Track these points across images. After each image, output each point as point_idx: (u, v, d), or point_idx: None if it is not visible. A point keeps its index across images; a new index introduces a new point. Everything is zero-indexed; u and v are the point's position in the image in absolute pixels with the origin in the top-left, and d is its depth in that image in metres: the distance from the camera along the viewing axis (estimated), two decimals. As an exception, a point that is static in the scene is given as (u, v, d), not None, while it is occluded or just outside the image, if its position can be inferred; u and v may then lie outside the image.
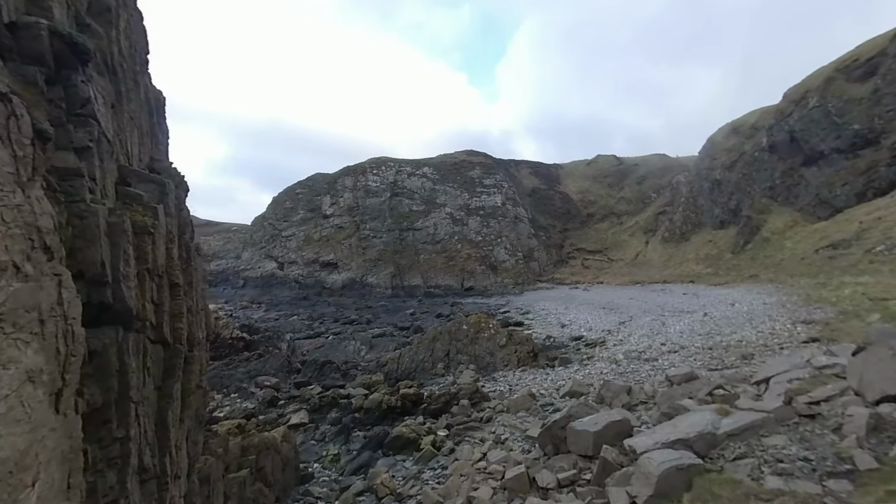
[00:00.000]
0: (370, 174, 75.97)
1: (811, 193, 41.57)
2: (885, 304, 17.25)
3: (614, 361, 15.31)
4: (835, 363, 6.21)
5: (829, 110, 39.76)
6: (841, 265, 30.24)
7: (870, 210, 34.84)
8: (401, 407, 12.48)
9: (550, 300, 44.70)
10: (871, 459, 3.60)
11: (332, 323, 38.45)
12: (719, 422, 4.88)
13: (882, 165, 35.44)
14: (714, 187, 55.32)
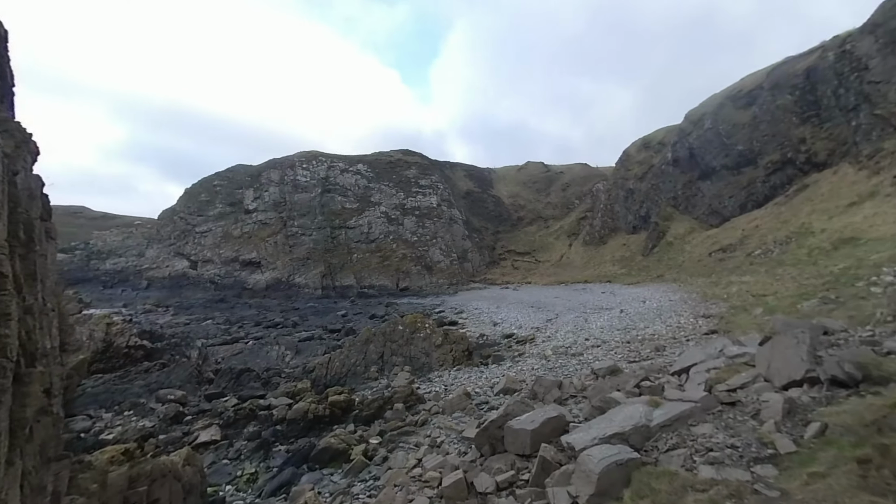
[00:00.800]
0: (299, 168, 71.77)
1: (705, 204, 47.46)
2: (764, 299, 20.19)
3: (544, 357, 15.86)
4: (744, 352, 6.90)
5: (720, 132, 45.74)
6: (728, 266, 34.91)
7: (749, 220, 40.66)
8: (329, 415, 11.60)
9: (483, 300, 45.68)
10: (789, 443, 3.89)
11: (252, 327, 35.41)
12: (651, 413, 5.05)
13: (759, 182, 41.59)
14: (628, 196, 60.82)
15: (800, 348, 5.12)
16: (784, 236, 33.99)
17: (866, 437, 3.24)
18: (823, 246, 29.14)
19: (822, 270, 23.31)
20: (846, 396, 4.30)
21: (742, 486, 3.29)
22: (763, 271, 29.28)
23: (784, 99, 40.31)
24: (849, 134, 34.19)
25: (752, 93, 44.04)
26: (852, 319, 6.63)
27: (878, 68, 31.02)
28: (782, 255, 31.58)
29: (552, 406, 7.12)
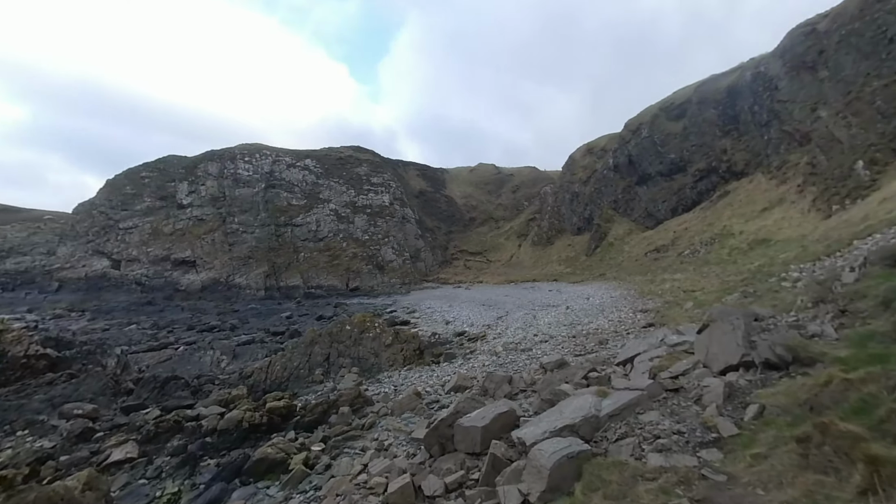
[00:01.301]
0: (241, 161, 67.39)
1: (642, 207, 50.82)
2: (693, 294, 21.96)
3: (495, 353, 15.93)
4: (684, 340, 7.25)
5: (655, 141, 49.18)
6: (662, 265, 37.66)
7: (680, 222, 44.11)
8: (267, 423, 10.70)
9: (436, 299, 45.56)
10: (731, 426, 4.01)
11: (184, 331, 32.53)
12: (600, 404, 5.05)
13: (688, 188, 45.23)
14: (573, 199, 63.67)
15: (735, 334, 5.41)
16: (709, 238, 37.21)
17: (801, 416, 3.39)
18: (741, 246, 32.34)
19: (740, 268, 25.82)
20: (779, 378, 4.56)
21: (690, 471, 3.29)
22: (691, 269, 31.94)
23: (709, 113, 44.21)
24: (762, 147, 38.17)
25: (683, 106, 47.86)
26: (776, 307, 7.22)
27: (786, 89, 34.93)
28: (707, 255, 34.61)
29: (503, 401, 7.00)
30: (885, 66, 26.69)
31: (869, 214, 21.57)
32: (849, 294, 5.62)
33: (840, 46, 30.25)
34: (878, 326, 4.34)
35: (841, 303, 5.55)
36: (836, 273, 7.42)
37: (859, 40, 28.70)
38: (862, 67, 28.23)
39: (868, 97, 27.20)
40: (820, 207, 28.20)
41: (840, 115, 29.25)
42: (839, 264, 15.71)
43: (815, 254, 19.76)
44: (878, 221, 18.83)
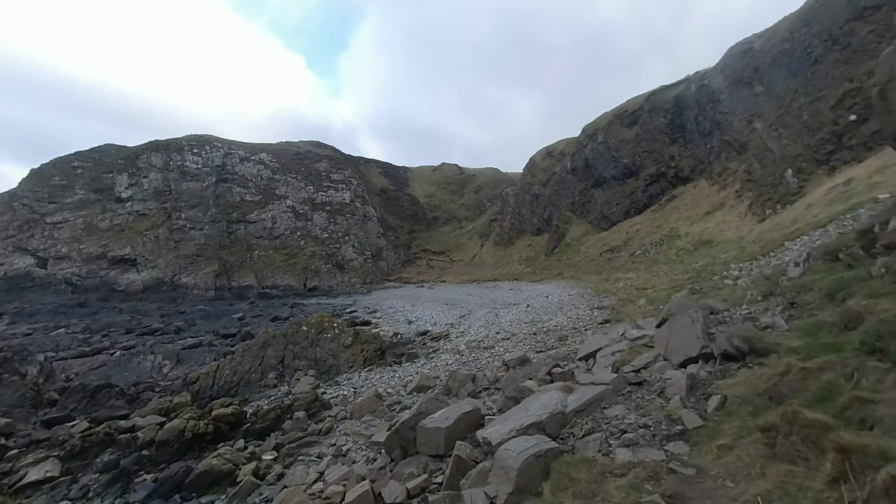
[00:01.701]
0: (189, 153, 63.15)
1: (598, 209, 52.90)
2: (645, 292, 23.07)
3: (457, 352, 15.83)
4: (644, 334, 7.44)
5: (610, 146, 51.35)
6: (616, 265, 39.39)
7: (632, 224, 46.35)
8: (213, 432, 9.89)
9: (398, 298, 44.99)
10: (696, 418, 4.06)
11: (122, 335, 29.91)
12: (566, 399, 5.00)
13: (639, 191, 47.62)
14: (533, 200, 65.21)
15: (695, 327, 5.58)
16: (658, 239, 39.37)
17: (762, 405, 3.47)
18: (687, 247, 34.49)
19: (687, 267, 27.49)
20: (737, 369, 4.72)
21: (658, 466, 3.26)
22: (643, 268, 33.65)
23: (659, 121, 46.79)
24: (705, 154, 40.90)
25: (635, 114, 50.34)
26: (728, 301, 7.61)
27: (726, 101, 37.62)
28: (657, 255, 36.60)
29: (467, 400, 6.84)
30: (810, 84, 29.38)
31: (797, 218, 23.67)
32: (795, 287, 6.00)
33: (773, 65, 32.97)
34: (826, 317, 4.61)
35: (789, 296, 5.91)
36: (781, 268, 7.96)
37: (789, 60, 31.41)
38: (791, 85, 30.92)
39: (796, 112, 29.84)
40: (755, 212, 30.58)
41: (772, 128, 31.89)
42: (773, 263, 17.07)
43: (752, 254, 21.42)
44: (804, 224, 20.70)
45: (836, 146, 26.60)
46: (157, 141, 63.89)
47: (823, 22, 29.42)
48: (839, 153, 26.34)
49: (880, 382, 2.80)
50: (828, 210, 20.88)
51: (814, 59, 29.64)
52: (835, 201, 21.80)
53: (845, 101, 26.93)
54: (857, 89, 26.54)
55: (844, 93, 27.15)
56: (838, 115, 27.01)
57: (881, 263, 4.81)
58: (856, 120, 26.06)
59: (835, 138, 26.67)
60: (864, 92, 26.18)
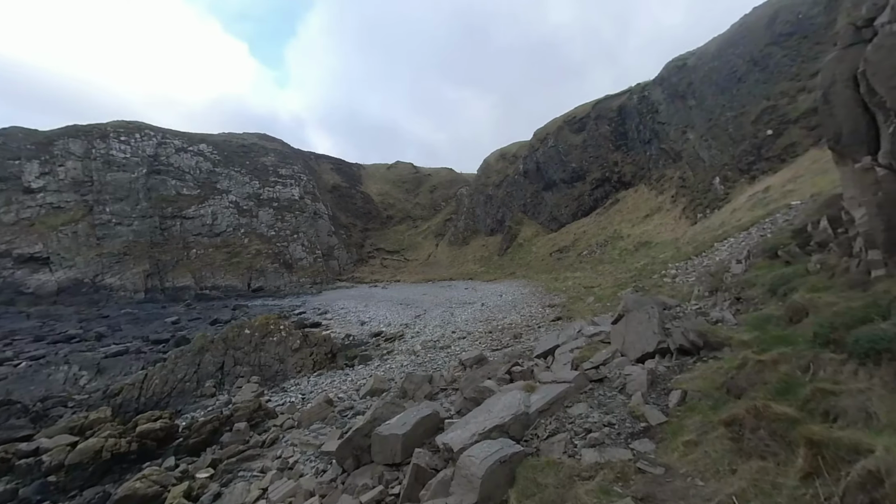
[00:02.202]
0: (115, 141, 57.12)
1: (548, 211, 54.81)
2: (592, 290, 24.15)
3: (413, 353, 15.50)
4: (600, 331, 7.58)
5: (559, 150, 53.38)
6: (565, 264, 41.02)
7: (580, 226, 48.50)
8: (137, 451, 8.79)
9: (350, 298, 43.71)
10: (659, 413, 4.09)
11: (29, 343, 26.31)
12: (529, 399, 4.89)
13: (586, 195, 49.93)
14: (487, 201, 66.27)
15: (651, 322, 5.73)
16: (603, 240, 41.50)
17: (722, 399, 3.55)
18: (629, 248, 36.65)
19: (629, 266, 29.18)
20: (694, 363, 4.87)
21: (626, 466, 3.21)
22: (589, 268, 35.32)
23: (604, 128, 49.35)
24: (645, 161, 43.72)
25: (583, 120, 52.74)
26: (676, 297, 8.00)
27: (664, 112, 40.45)
28: (602, 255, 38.57)
29: (425, 404, 6.57)
30: (735, 99, 32.32)
31: (724, 222, 25.94)
32: (740, 283, 6.40)
33: (703, 81, 35.90)
34: (772, 311, 4.91)
35: (734, 291, 6.28)
36: (725, 266, 8.53)
37: (718, 77, 34.36)
38: (719, 100, 33.84)
39: (723, 125, 32.70)
40: (688, 215, 33.13)
41: (703, 138, 34.72)
42: (705, 262, 18.50)
43: (687, 254, 23.18)
44: (730, 227, 22.72)
45: (756, 157, 29.47)
46: (76, 126, 57.14)
47: (746, 45, 32.49)
48: (759, 164, 29.20)
49: (838, 374, 2.95)
50: (750, 215, 23.06)
51: (738, 77, 32.64)
52: (755, 207, 24.12)
53: (763, 117, 29.91)
54: (773, 107, 29.60)
55: (763, 109, 30.15)
56: (758, 129, 29.95)
57: (816, 260, 5.24)
58: (772, 134, 29.04)
59: (755, 150, 29.54)
60: (779, 109, 29.28)
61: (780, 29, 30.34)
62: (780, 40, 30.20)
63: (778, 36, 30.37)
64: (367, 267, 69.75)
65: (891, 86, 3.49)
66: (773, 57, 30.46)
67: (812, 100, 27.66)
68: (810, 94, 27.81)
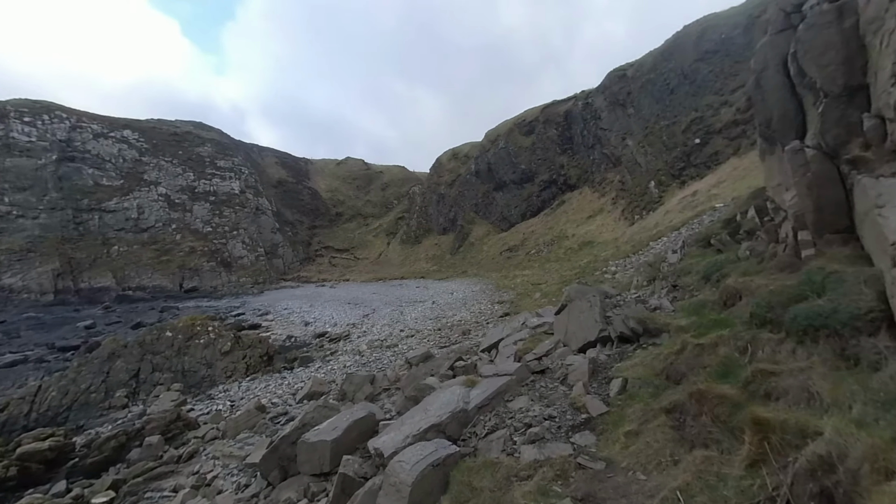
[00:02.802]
0: (17, 122, 50.12)
1: (498, 211, 55.82)
2: (539, 286, 24.85)
3: (358, 353, 14.83)
4: (544, 322, 7.52)
5: (510, 152, 54.55)
6: (514, 263, 41.98)
7: (528, 226, 49.89)
8: (18, 476, 7.40)
9: (295, 299, 41.63)
10: (599, 404, 3.95)
11: None
12: (468, 395, 4.59)
13: (535, 196, 51.46)
14: (440, 200, 66.23)
15: (593, 311, 5.69)
16: (550, 239, 42.97)
17: (661, 385, 3.46)
18: (573, 247, 38.24)
19: (574, 264, 30.38)
20: (633, 350, 4.84)
21: (566, 462, 2.99)
22: (537, 266, 36.41)
23: (552, 132, 51.15)
24: (589, 165, 45.86)
25: (532, 123, 54.32)
26: (617, 287, 8.16)
27: (606, 119, 42.64)
28: (549, 254, 39.92)
29: (361, 405, 6.08)
30: (668, 110, 34.76)
31: (658, 222, 27.80)
32: (676, 272, 6.60)
33: (641, 91, 38.27)
34: (708, 296, 5.03)
35: (671, 279, 6.46)
36: (661, 256, 8.87)
37: (653, 88, 36.78)
38: (654, 109, 36.24)
39: (658, 132, 35.05)
40: (627, 216, 35.15)
41: (640, 145, 37.01)
42: (642, 259, 19.58)
43: (625, 252, 24.57)
44: (664, 227, 24.39)
45: (686, 164, 31.89)
46: (-37, 101, 49.45)
47: (678, 60, 35.04)
48: (688, 170, 31.62)
49: (776, 353, 2.94)
50: (680, 216, 24.88)
51: (671, 89, 35.13)
52: (685, 209, 26.07)
53: (692, 127, 32.43)
54: (700, 118, 32.19)
55: (692, 120, 32.68)
56: (687, 138, 32.43)
57: (745, 247, 5.48)
58: (699, 143, 31.58)
59: (685, 157, 31.95)
60: (706, 120, 31.91)
61: (706, 47, 33.01)
62: (707, 57, 32.88)
63: (704, 53, 33.04)
64: (315, 266, 67.02)
65: (821, 64, 3.66)
66: (700, 72, 33.09)
67: (733, 112, 30.49)
68: (731, 107, 30.61)
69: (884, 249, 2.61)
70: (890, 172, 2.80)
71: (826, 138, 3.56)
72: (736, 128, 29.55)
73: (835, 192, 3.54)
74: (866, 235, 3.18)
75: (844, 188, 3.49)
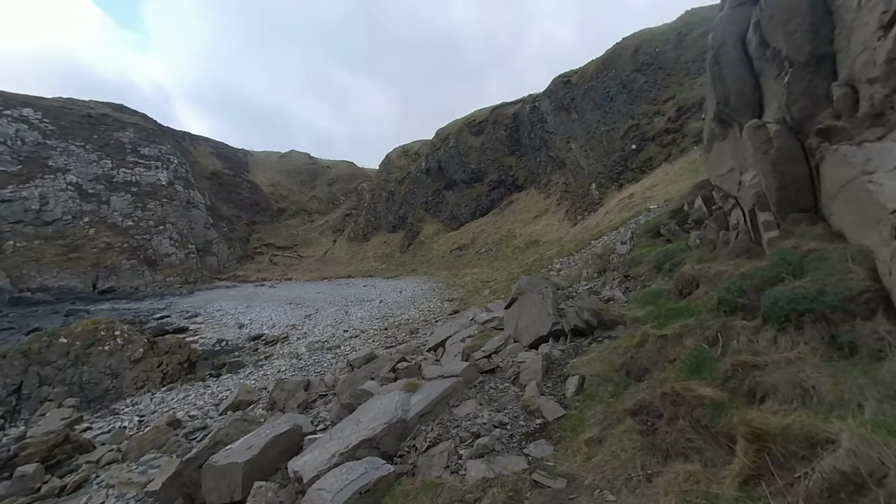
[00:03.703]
0: None
1: (448, 210, 55.78)
2: (488, 284, 24.96)
3: (296, 356, 13.69)
4: (493, 317, 7.16)
5: (460, 151, 54.70)
6: (464, 261, 42.09)
7: (478, 225, 50.34)
8: None
9: (230, 299, 38.60)
10: (556, 406, 3.55)
11: None
12: (409, 401, 4.04)
13: (484, 195, 52.02)
14: (389, 197, 64.94)
15: (545, 303, 5.39)
16: (498, 238, 43.64)
17: (622, 382, 3.16)
18: (521, 246, 39.11)
19: (521, 262, 30.98)
20: (589, 344, 4.57)
21: (520, 479, 2.56)
22: (486, 264, 36.78)
23: (500, 133, 52.00)
24: (535, 166, 47.18)
25: (482, 124, 54.91)
26: (566, 278, 8.05)
27: (551, 122, 44.07)
28: (497, 252, 40.50)
29: (286, 417, 5.30)
30: (608, 116, 36.59)
31: (599, 223, 29.13)
32: (626, 262, 6.53)
33: (584, 97, 39.97)
34: (662, 285, 4.91)
35: (621, 270, 6.37)
36: (611, 247, 8.92)
37: (594, 95, 38.54)
38: (596, 115, 37.99)
39: (598, 137, 36.77)
40: (570, 217, 36.53)
41: (583, 149, 38.65)
42: (585, 257, 20.27)
43: (569, 251, 25.45)
44: (604, 227, 25.59)
45: (624, 168, 33.72)
46: None
47: (617, 69, 36.99)
48: (625, 173, 33.45)
49: (753, 343, 2.69)
50: (619, 216, 26.23)
51: (610, 97, 37.00)
52: (623, 210, 27.54)
53: (629, 134, 34.37)
54: (637, 125, 34.20)
55: (629, 127, 34.63)
56: (625, 143, 34.32)
57: (695, 236, 5.49)
58: (635, 149, 33.57)
59: (623, 161, 33.78)
60: (641, 127, 33.97)
61: (642, 59, 35.16)
62: (643, 68, 35.02)
63: (640, 64, 35.17)
64: (254, 264, 62.79)
65: (787, 31, 3.60)
66: (636, 82, 35.17)
67: (665, 121, 32.76)
68: (664, 116, 32.87)
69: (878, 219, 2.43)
70: (875, 137, 2.70)
71: (792, 111, 3.50)
72: (667, 135, 31.70)
73: (799, 168, 3.47)
74: (839, 211, 3.09)
75: (808, 165, 3.44)
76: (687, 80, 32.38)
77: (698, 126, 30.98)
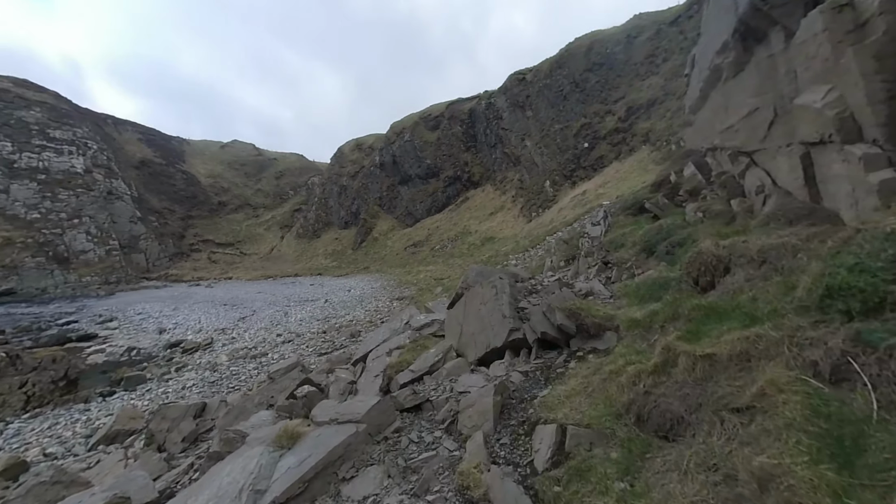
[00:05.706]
0: None
1: (403, 206, 54.05)
2: (442, 281, 23.82)
3: (212, 367, 11.60)
4: (433, 320, 5.73)
5: (415, 146, 53.13)
6: (418, 258, 40.71)
7: (433, 221, 49.11)
8: None
9: (157, 301, 34.53)
10: (517, 492, 1.86)
11: None
12: (274, 466, 2.58)
13: (440, 191, 50.85)
14: (341, 192, 61.97)
15: (500, 300, 4.02)
16: (454, 235, 42.67)
17: (633, 443, 1.74)
18: (476, 242, 38.41)
19: (477, 258, 30.18)
20: (565, 362, 3.24)
21: None
22: (441, 261, 35.68)
23: (456, 129, 51.07)
24: (491, 163, 46.71)
25: (438, 119, 53.70)
26: (527, 269, 6.95)
27: (507, 119, 43.74)
28: (453, 249, 39.53)
29: (127, 472, 3.63)
30: (561, 115, 36.70)
31: (553, 219, 28.97)
32: (604, 246, 5.44)
33: (538, 95, 39.92)
34: (665, 272, 3.78)
35: (598, 256, 5.26)
36: (578, 231, 7.92)
37: (549, 93, 38.57)
38: (550, 113, 38.02)
39: (553, 135, 36.80)
40: (525, 213, 36.27)
41: (537, 146, 38.56)
42: (539, 253, 19.69)
43: (524, 247, 24.96)
44: (558, 223, 25.36)
45: (577, 166, 33.89)
46: None
47: (570, 68, 37.17)
48: (578, 171, 33.64)
49: None
50: (573, 213, 26.13)
51: (564, 96, 37.13)
52: (576, 206, 27.52)
53: (582, 132, 34.62)
54: (589, 124, 34.53)
55: (581, 125, 34.89)
56: (578, 141, 34.55)
57: (693, 208, 4.48)
58: (588, 147, 33.88)
59: (576, 159, 33.95)
60: (593, 126, 34.35)
61: (594, 59, 35.53)
62: (595, 68, 35.38)
63: (593, 65, 35.52)
64: (190, 262, 57.36)
65: None
66: (588, 82, 35.49)
67: (616, 120, 33.35)
68: (614, 116, 33.44)
69: None
70: None
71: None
72: (618, 135, 32.16)
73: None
74: None
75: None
76: (636, 82, 33.10)
77: (646, 126, 31.83)
